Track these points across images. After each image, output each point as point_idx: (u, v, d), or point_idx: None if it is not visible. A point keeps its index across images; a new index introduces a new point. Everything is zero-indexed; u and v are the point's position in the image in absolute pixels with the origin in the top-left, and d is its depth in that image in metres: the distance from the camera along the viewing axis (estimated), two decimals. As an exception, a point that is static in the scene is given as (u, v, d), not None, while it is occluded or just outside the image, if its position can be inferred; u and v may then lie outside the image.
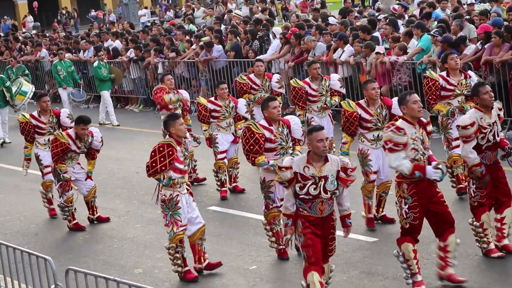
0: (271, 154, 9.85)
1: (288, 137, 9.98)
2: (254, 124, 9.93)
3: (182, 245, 9.59)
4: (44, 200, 13.20)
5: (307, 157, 8.01)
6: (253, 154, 9.83)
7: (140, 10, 39.93)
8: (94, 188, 12.45)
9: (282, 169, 8.03)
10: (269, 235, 9.99)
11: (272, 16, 26.08)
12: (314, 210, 8.05)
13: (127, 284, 6.71)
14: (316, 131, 7.96)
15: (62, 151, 11.91)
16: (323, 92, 13.57)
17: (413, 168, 8.29)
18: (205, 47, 20.95)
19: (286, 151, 9.89)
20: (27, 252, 8.11)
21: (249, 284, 9.41)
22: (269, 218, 9.95)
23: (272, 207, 9.89)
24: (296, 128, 10.05)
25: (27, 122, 13.08)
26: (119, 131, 20.53)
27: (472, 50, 15.70)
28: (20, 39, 30.86)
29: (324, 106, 13.57)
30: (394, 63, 16.61)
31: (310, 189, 7.98)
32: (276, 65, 19.67)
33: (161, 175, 9.43)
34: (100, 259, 10.84)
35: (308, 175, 7.98)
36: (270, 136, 9.84)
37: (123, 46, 24.48)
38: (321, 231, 8.08)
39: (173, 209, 9.53)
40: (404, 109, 8.45)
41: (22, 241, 11.85)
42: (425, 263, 9.34)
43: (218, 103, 13.08)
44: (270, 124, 9.89)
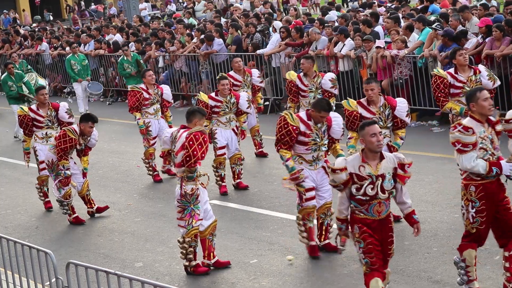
0: (303, 147, 9.62)
1: (325, 134, 9.70)
2: (290, 114, 9.65)
3: (196, 239, 9.56)
4: (40, 194, 13.26)
5: (361, 156, 7.54)
6: (281, 144, 9.63)
7: (140, 3, 39.84)
8: (86, 182, 12.41)
9: (337, 171, 7.55)
10: (301, 230, 9.75)
11: (274, 10, 26.04)
12: (371, 212, 7.58)
13: (127, 277, 6.71)
14: (369, 126, 7.49)
15: (71, 147, 11.97)
16: (312, 89, 13.57)
17: (489, 166, 7.74)
18: (206, 41, 20.94)
19: (318, 148, 9.65)
20: (27, 246, 8.11)
21: (250, 278, 9.42)
22: (303, 214, 9.71)
23: (305, 197, 9.64)
24: (336, 129, 9.79)
25: (25, 115, 13.12)
26: (120, 124, 20.52)
27: (473, 44, 15.68)
28: (21, 33, 30.82)
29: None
30: (395, 57, 16.59)
31: (367, 190, 7.49)
32: (277, 59, 19.64)
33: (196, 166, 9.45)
34: (100, 253, 10.85)
35: (364, 174, 7.50)
36: (305, 130, 9.57)
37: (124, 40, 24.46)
38: (379, 234, 7.63)
39: (194, 203, 9.45)
40: (474, 106, 7.86)
41: (23, 234, 11.86)
42: (426, 256, 9.35)
43: (219, 98, 13.06)
44: (309, 118, 9.61)
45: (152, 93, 14.17)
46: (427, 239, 9.92)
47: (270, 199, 12.46)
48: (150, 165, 14.25)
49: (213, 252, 9.75)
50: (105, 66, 24.51)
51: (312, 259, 9.71)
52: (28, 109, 13.23)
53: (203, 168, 14.17)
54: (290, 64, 19.10)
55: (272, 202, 12.29)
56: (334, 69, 17.98)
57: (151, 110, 14.20)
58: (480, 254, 9.21)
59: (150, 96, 14.15)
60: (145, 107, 14.15)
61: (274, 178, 13.56)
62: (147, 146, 14.24)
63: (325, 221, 9.88)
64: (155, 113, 14.24)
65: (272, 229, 11.04)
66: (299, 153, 9.70)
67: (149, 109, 14.18)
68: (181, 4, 45.27)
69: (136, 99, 14.09)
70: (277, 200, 12.34)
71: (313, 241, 9.77)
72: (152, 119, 14.21)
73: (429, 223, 10.48)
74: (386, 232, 7.68)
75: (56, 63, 26.62)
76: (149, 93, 14.15)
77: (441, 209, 11.05)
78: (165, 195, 13.36)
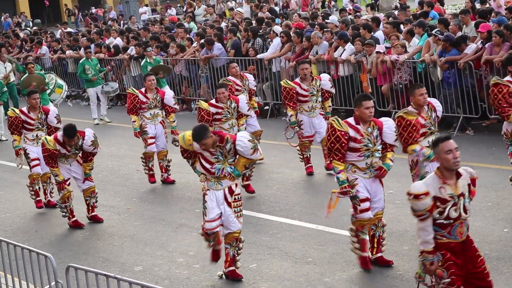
0: (355, 154, 9.12)
1: (377, 140, 9.15)
2: (337, 120, 9.18)
3: (210, 239, 9.37)
4: (31, 192, 13.34)
5: (439, 176, 6.87)
6: (333, 154, 9.13)
7: (140, 7, 39.91)
8: (91, 188, 12.32)
9: (421, 196, 6.79)
10: (353, 241, 9.31)
11: (275, 14, 26.08)
12: (454, 235, 6.92)
13: (127, 281, 6.71)
14: (443, 142, 6.82)
15: (49, 156, 11.95)
16: (313, 92, 13.62)
17: None
18: (206, 45, 20.96)
19: (372, 154, 9.14)
20: (27, 249, 8.11)
21: (249, 282, 9.41)
22: (357, 225, 9.25)
23: (359, 208, 9.17)
24: (388, 132, 9.20)
25: (16, 117, 13.30)
26: (120, 128, 20.52)
27: (472, 49, 15.70)
28: (21, 36, 30.85)
29: (315, 106, 13.66)
30: (395, 62, 16.60)
31: (450, 212, 6.83)
32: (277, 64, 19.66)
33: (188, 161, 9.51)
34: (100, 257, 10.85)
35: (446, 196, 6.83)
36: (355, 135, 9.06)
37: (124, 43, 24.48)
38: (462, 258, 6.96)
39: (203, 202, 9.40)
40: None
41: (23, 238, 11.86)
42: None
43: (219, 105, 12.93)
44: (358, 122, 9.12)
45: (150, 98, 14.11)
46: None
47: (270, 203, 12.46)
48: (147, 166, 14.27)
49: (229, 261, 9.44)
50: (105, 70, 24.49)
51: (364, 271, 9.29)
52: (19, 111, 13.39)
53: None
54: (290, 69, 19.12)
55: (272, 206, 12.29)
56: (334, 74, 17.99)
57: (148, 114, 14.16)
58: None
59: (147, 100, 14.10)
60: (142, 110, 14.14)
61: (274, 182, 13.57)
62: (145, 146, 14.26)
63: (377, 232, 9.36)
64: (152, 118, 14.17)
65: (271, 234, 11.04)
66: (351, 161, 9.20)
67: (146, 113, 14.15)
68: (181, 8, 45.28)
69: (130, 102, 14.14)
70: (276, 204, 12.34)
71: (365, 253, 9.30)
72: (149, 124, 14.20)
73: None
74: (472, 252, 7.02)
75: (56, 66, 26.63)
76: (147, 97, 14.09)
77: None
78: (165, 199, 13.36)
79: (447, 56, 15.79)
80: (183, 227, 11.75)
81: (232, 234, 9.36)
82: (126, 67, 23.51)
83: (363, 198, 9.19)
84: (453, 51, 15.83)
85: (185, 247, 10.84)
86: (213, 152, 9.19)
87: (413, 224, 9.30)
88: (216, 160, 9.21)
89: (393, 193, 12.13)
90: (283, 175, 14.06)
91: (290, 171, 14.30)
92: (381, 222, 9.40)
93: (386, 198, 11.92)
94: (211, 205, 9.29)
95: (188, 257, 10.45)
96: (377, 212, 9.33)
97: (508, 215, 10.67)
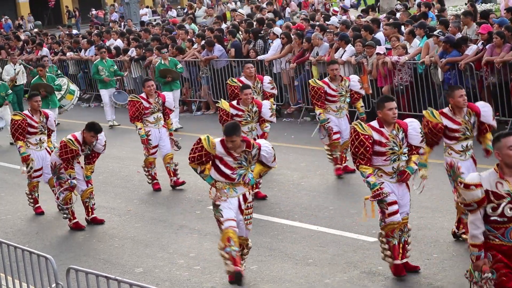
0: (381, 158, 8.86)
1: (403, 142, 8.90)
2: (359, 124, 8.96)
3: (229, 243, 8.93)
4: (30, 200, 13.33)
5: (498, 171, 6.67)
6: (359, 159, 8.85)
7: (141, 9, 39.90)
8: (89, 189, 12.33)
9: (471, 187, 6.65)
10: (384, 248, 9.06)
11: (278, 15, 26.08)
12: (508, 237, 6.67)
13: (128, 283, 6.71)
14: (505, 137, 6.63)
15: (73, 157, 11.95)
16: (342, 93, 13.53)
17: None
18: (207, 46, 20.97)
19: (398, 157, 8.88)
20: (28, 251, 8.11)
21: (250, 284, 9.40)
22: (386, 230, 8.99)
23: (388, 212, 8.92)
24: (414, 134, 8.95)
25: (23, 119, 13.11)
26: (120, 130, 20.54)
27: (473, 51, 15.70)
28: (22, 38, 30.86)
29: (343, 106, 13.57)
30: (395, 63, 16.60)
31: (505, 210, 6.59)
32: (278, 65, 19.67)
33: (197, 167, 9.09)
34: (101, 258, 10.84)
35: (503, 192, 6.60)
36: (379, 139, 8.82)
37: (124, 45, 24.49)
38: None
39: (215, 208, 9.14)
40: None
41: (23, 239, 11.86)
42: (426, 263, 9.35)
43: (240, 107, 12.68)
44: (382, 125, 8.89)
45: (152, 102, 14.01)
46: (427, 246, 9.91)
47: (270, 205, 12.46)
48: (150, 174, 14.12)
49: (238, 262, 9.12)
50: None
51: (398, 279, 9.03)
52: (24, 115, 13.27)
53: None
54: (291, 70, 19.12)
55: (272, 208, 12.28)
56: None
57: (151, 118, 14.03)
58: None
59: (150, 105, 13.99)
60: (145, 116, 14.00)
61: (274, 184, 13.56)
62: (147, 154, 14.14)
63: (402, 237, 9.08)
64: (156, 122, 14.05)
65: (272, 235, 11.04)
66: (377, 166, 8.94)
67: (149, 117, 14.02)
68: (182, 10, 45.30)
69: (135, 109, 13.93)
70: (277, 206, 12.34)
71: (397, 260, 9.01)
72: (153, 128, 14.03)
73: (429, 230, 10.48)
74: None
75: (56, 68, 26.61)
76: (149, 102, 13.99)
77: (442, 215, 11.05)
78: (165, 200, 13.36)
79: (447, 57, 15.79)
80: (184, 228, 11.75)
81: (239, 238, 9.16)
82: (127, 68, 23.49)
83: (391, 202, 8.92)
84: (453, 52, 15.83)
85: (185, 249, 10.84)
86: (237, 157, 8.92)
87: (410, 223, 9.31)
88: (238, 165, 8.95)
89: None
90: (284, 177, 14.05)
91: (290, 172, 14.29)
92: (407, 227, 9.13)
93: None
94: (226, 206, 9.03)
95: (189, 258, 10.44)
96: (403, 216, 9.07)
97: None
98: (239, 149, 8.90)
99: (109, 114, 21.23)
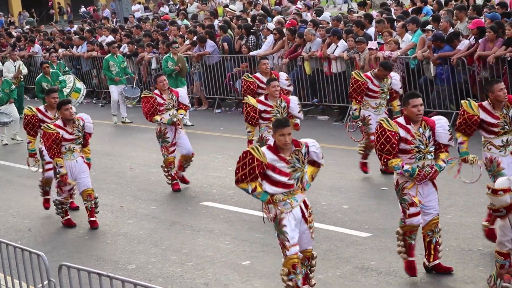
0: (406, 156, 8.53)
1: (430, 140, 8.55)
2: (386, 120, 8.61)
3: (295, 271, 8.16)
4: (41, 191, 13.09)
5: None
6: (385, 155, 8.51)
7: (133, 5, 39.83)
8: (87, 190, 11.93)
9: (499, 192, 6.46)
10: (399, 244, 8.82)
11: (267, 12, 26.06)
12: None
13: (120, 280, 6.69)
14: None
15: (54, 141, 11.66)
16: (384, 90, 12.98)
17: None
18: (198, 42, 20.96)
19: (423, 156, 8.53)
20: (20, 248, 8.09)
21: (243, 280, 9.41)
22: (405, 230, 8.73)
23: (408, 212, 8.62)
24: (441, 132, 8.59)
25: (33, 115, 12.69)
26: (112, 126, 20.51)
27: (465, 45, 15.71)
28: (14, 35, 30.80)
29: (382, 103, 13.02)
30: (388, 58, 16.60)
31: None
32: (270, 61, 19.63)
33: (247, 185, 8.17)
34: (93, 255, 10.82)
35: None
36: (405, 136, 8.47)
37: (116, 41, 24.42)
38: None
39: (278, 228, 8.22)
40: None
41: (15, 236, 11.83)
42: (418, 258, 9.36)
43: (269, 103, 12.18)
44: (408, 122, 8.54)
45: (166, 99, 13.38)
46: (420, 241, 9.90)
47: (263, 200, 12.42)
48: (169, 174, 13.49)
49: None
50: (98, 68, 24.46)
51: (409, 277, 8.83)
52: (36, 110, 12.82)
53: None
54: (283, 66, 19.12)
55: (265, 203, 12.26)
56: (327, 71, 18.00)
57: (167, 116, 13.33)
58: (472, 255, 9.25)
59: (164, 101, 13.35)
60: (160, 113, 13.32)
61: (267, 179, 13.53)
62: (166, 154, 13.44)
63: (433, 238, 8.79)
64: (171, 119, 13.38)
65: (265, 231, 11.02)
66: None
67: (164, 115, 13.33)
68: (174, 6, 45.24)
69: (150, 105, 13.26)
70: (270, 201, 12.31)
71: (412, 257, 8.78)
72: (169, 126, 13.42)
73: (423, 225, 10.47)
74: None
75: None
76: (163, 99, 13.36)
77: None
78: (158, 196, 13.35)
79: (440, 52, 15.80)
80: (176, 225, 11.74)
81: (304, 252, 8.39)
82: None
83: (412, 202, 8.63)
84: (446, 47, 15.84)
85: (178, 245, 10.83)
86: (289, 160, 8.08)
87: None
88: (293, 169, 8.09)
89: (386, 189, 12.14)
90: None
91: (283, 168, 14.25)
92: (438, 227, 8.82)
93: (379, 195, 12.03)
94: (291, 228, 8.17)
95: (182, 254, 10.44)
96: (433, 218, 8.77)
97: (501, 211, 10.64)
98: (288, 151, 8.12)
99: (114, 109, 20.82)
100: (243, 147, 15.92)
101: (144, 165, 15.49)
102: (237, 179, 8.17)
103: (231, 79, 20.60)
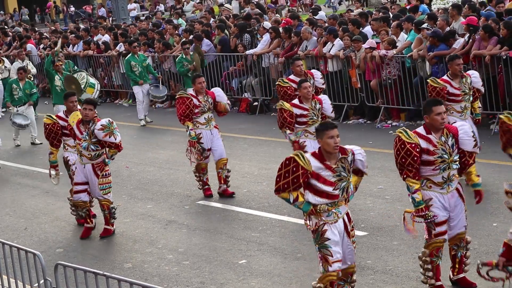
0: (429, 168, 8.00)
1: (454, 149, 8.04)
2: (405, 131, 8.03)
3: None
4: (72, 208, 12.08)
5: None
6: (406, 170, 7.98)
7: (129, 4, 39.82)
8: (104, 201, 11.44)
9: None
10: (426, 268, 8.24)
11: (263, 10, 26.07)
12: None
13: (116, 279, 6.69)
14: None
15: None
16: (466, 91, 11.69)
17: None
18: (195, 41, 20.95)
19: (448, 166, 8.01)
20: (16, 247, 8.08)
21: (239, 278, 9.41)
22: (431, 249, 8.20)
23: (434, 232, 8.16)
24: (465, 138, 8.08)
25: (54, 123, 11.96)
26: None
27: (460, 44, 15.73)
28: (9, 34, 30.74)
29: (467, 106, 11.78)
30: (384, 57, 16.62)
31: None
32: (266, 59, 19.66)
33: (289, 195, 7.66)
34: (89, 254, 10.82)
35: None
36: (427, 147, 7.96)
37: (111, 40, 24.40)
38: None
39: (319, 242, 7.74)
40: None
41: (11, 236, 11.82)
42: (414, 256, 9.37)
43: (304, 106, 11.60)
44: (429, 132, 8.02)
45: (202, 101, 12.57)
46: (415, 239, 9.91)
47: (259, 199, 12.45)
48: (201, 180, 12.84)
49: None
50: (94, 67, 24.44)
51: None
52: (57, 117, 12.07)
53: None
54: (279, 65, 19.12)
55: (261, 202, 12.28)
56: (323, 69, 18.00)
57: (202, 119, 12.61)
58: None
59: (200, 103, 12.55)
60: (195, 115, 12.58)
61: (263, 178, 13.56)
62: (197, 159, 12.71)
63: (458, 252, 8.37)
64: (207, 123, 12.67)
65: (261, 230, 11.04)
66: (426, 176, 8.10)
67: (199, 118, 12.59)
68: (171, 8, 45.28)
69: (186, 107, 12.45)
70: (266, 200, 12.33)
71: (439, 282, 8.28)
72: (204, 130, 12.66)
73: (418, 223, 10.46)
74: None
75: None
76: (199, 100, 12.55)
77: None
78: (154, 195, 13.34)
79: (435, 51, 15.82)
80: (173, 224, 11.74)
81: (347, 268, 7.98)
82: (114, 63, 23.43)
83: (440, 222, 8.15)
84: (441, 46, 15.85)
85: (174, 244, 10.83)
86: (335, 169, 7.61)
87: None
88: (338, 178, 7.61)
89: (382, 188, 12.15)
90: (273, 171, 13.93)
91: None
92: (464, 242, 8.38)
93: (375, 193, 12.04)
94: (334, 242, 7.73)
95: (178, 253, 10.44)
96: (459, 232, 8.31)
97: (497, 210, 10.68)
98: (335, 158, 7.64)
99: (141, 112, 20.00)
100: (236, 145, 16.02)
101: (140, 164, 15.49)
102: (277, 187, 7.65)
103: (227, 77, 20.60)
